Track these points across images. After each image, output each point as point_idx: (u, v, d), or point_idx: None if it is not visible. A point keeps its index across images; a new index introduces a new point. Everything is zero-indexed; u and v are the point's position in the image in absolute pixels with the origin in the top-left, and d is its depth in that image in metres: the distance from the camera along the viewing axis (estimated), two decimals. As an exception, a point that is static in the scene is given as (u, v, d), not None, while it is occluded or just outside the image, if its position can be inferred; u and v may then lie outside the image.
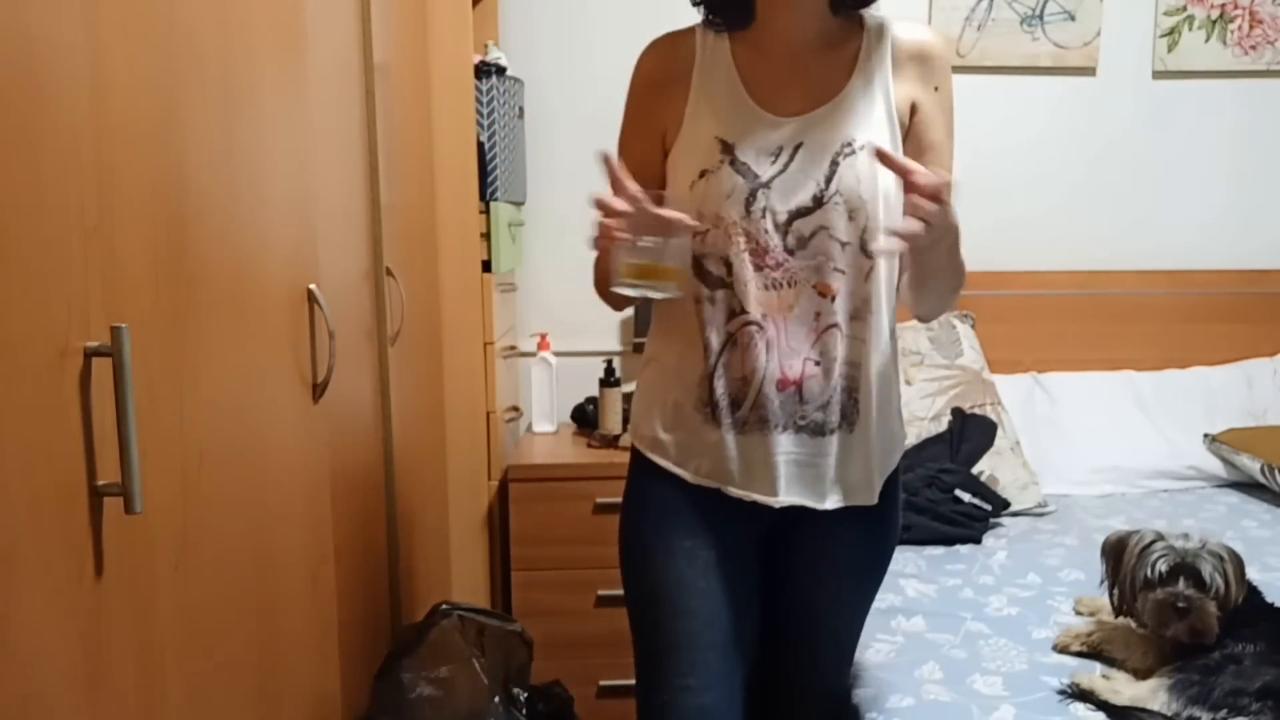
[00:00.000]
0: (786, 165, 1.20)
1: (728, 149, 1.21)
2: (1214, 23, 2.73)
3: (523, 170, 2.59)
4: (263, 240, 1.06)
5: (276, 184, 1.10)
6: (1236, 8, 2.72)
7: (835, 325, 1.21)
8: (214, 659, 0.93)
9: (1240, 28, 2.73)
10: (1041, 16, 2.69)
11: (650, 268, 1.12)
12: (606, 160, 1.11)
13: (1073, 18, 2.69)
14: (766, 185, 1.20)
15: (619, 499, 2.22)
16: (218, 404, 0.93)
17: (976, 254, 2.78)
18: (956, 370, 2.50)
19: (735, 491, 1.23)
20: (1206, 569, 1.46)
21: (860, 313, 1.22)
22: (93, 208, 0.71)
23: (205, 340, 0.91)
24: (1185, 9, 2.72)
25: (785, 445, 1.21)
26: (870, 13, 1.27)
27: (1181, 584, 1.46)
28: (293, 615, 1.15)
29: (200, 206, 0.90)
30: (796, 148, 1.20)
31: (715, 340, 1.22)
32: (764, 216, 1.20)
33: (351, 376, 1.38)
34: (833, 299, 1.20)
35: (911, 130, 1.25)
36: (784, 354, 1.21)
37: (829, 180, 1.19)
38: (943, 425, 2.39)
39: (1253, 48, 2.74)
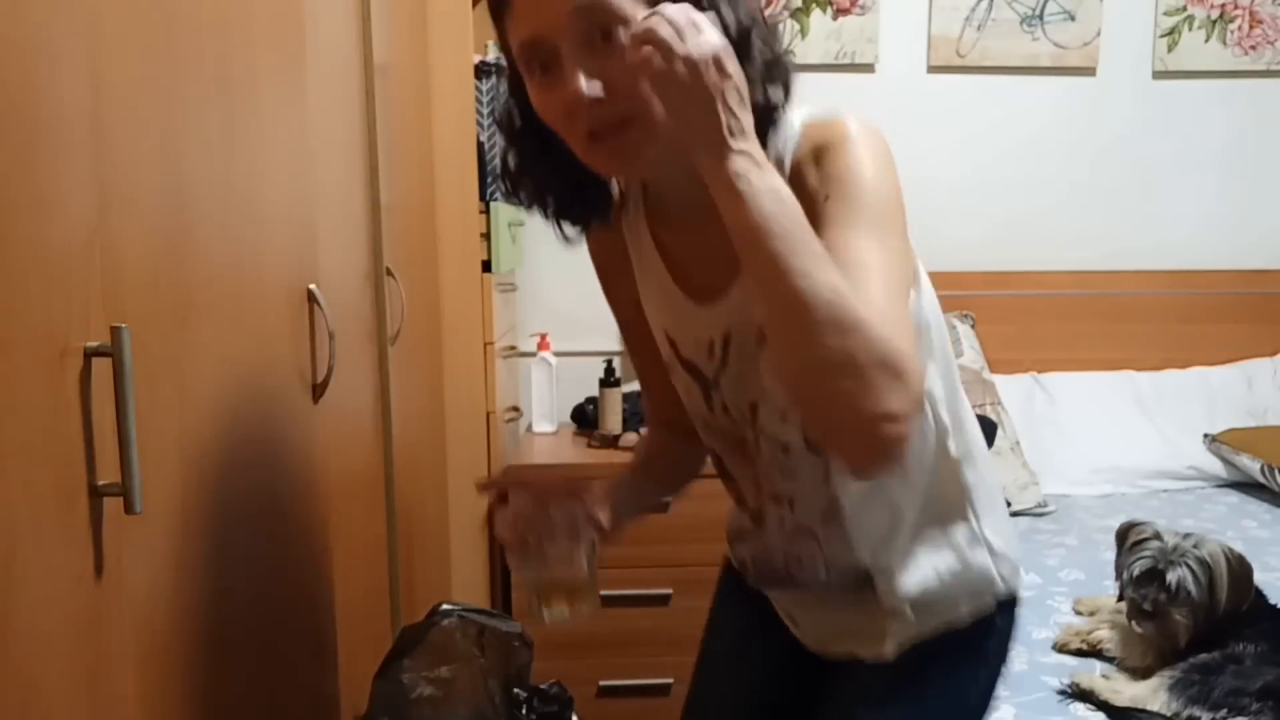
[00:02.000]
0: (724, 360, 1.02)
1: (673, 345, 1.08)
2: (1214, 23, 2.73)
3: (523, 170, 2.59)
4: (262, 240, 1.06)
5: (276, 184, 1.10)
6: (1236, 8, 2.73)
7: (804, 529, 1.05)
8: (214, 659, 0.93)
9: (1240, 28, 2.74)
10: (1041, 16, 2.69)
11: (558, 585, 0.97)
12: (483, 487, 1.06)
13: (1073, 18, 2.69)
14: (715, 383, 1.05)
15: (619, 499, 2.23)
16: (218, 404, 0.93)
17: (977, 254, 2.80)
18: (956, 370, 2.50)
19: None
20: (1175, 575, 1.45)
21: (831, 516, 1.02)
22: (93, 208, 0.71)
23: (205, 340, 0.91)
24: (1185, 9, 2.72)
25: (804, 605, 1.14)
26: (774, 145, 0.92)
27: (1154, 588, 1.46)
28: (293, 615, 1.15)
29: (200, 207, 0.90)
30: (727, 338, 1.01)
31: (731, 519, 1.19)
32: (726, 413, 1.05)
33: (351, 376, 1.38)
34: (791, 505, 1.05)
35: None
36: (768, 550, 1.11)
37: (759, 374, 0.99)
38: (943, 425, 2.39)
39: (1253, 48, 2.74)
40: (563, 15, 0.84)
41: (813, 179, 0.88)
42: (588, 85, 0.85)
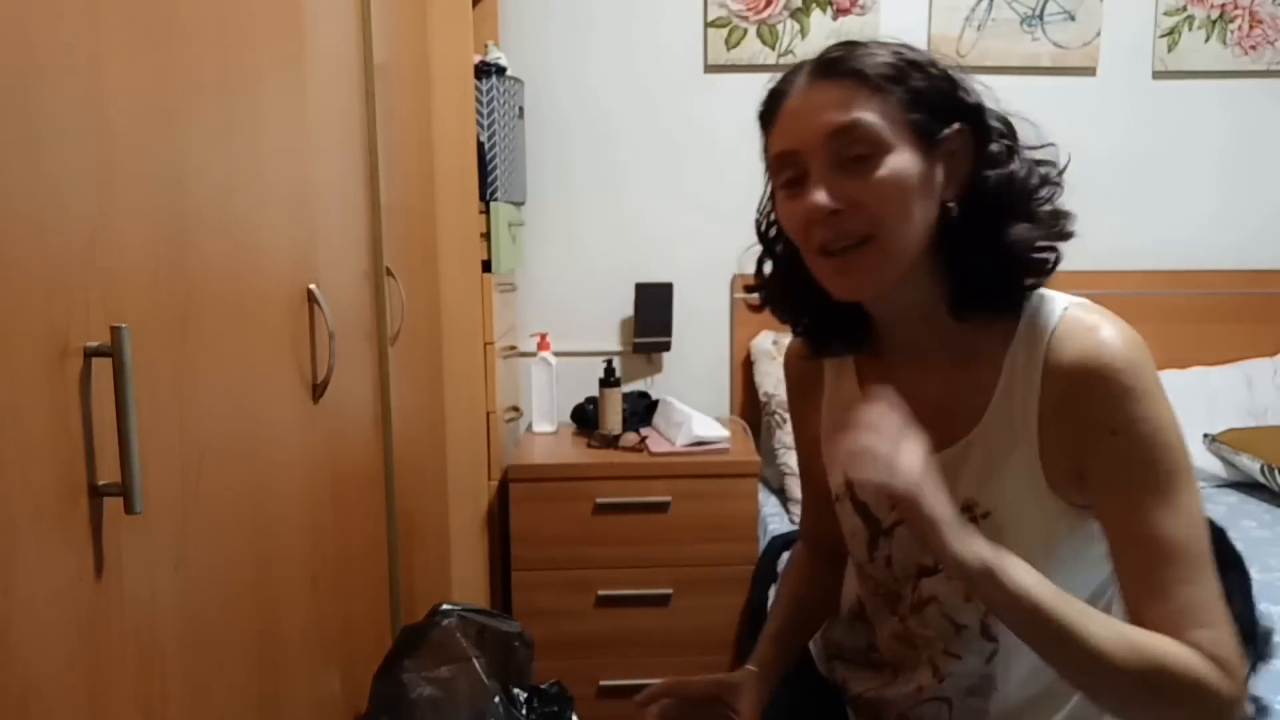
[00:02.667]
0: None
1: (849, 483, 1.06)
2: (1214, 23, 2.73)
3: (523, 170, 2.59)
4: (263, 240, 1.06)
5: (276, 184, 1.10)
6: (1236, 8, 2.72)
7: (941, 699, 1.02)
8: (214, 659, 0.93)
9: (1240, 28, 2.74)
10: (1041, 16, 2.69)
11: None
12: (643, 701, 1.08)
13: (1073, 18, 2.69)
14: (887, 533, 1.02)
15: (618, 499, 2.24)
16: (218, 404, 0.93)
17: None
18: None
19: None
20: None
21: (980, 690, 1.00)
22: (93, 208, 0.71)
23: (205, 340, 0.91)
24: (1185, 9, 2.72)
25: None
26: (1032, 320, 0.93)
27: None
28: (293, 615, 1.15)
29: (200, 206, 0.90)
30: None
31: (841, 642, 1.17)
32: (888, 565, 1.03)
33: (351, 376, 1.38)
34: (940, 679, 1.01)
35: (1095, 513, 0.90)
36: (884, 696, 1.08)
37: None
38: (943, 425, 2.39)
39: (1253, 48, 2.74)
40: (820, 134, 0.89)
41: (1098, 410, 0.87)
42: (828, 198, 0.88)
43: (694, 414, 2.43)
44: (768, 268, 1.06)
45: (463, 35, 2.08)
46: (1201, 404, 2.61)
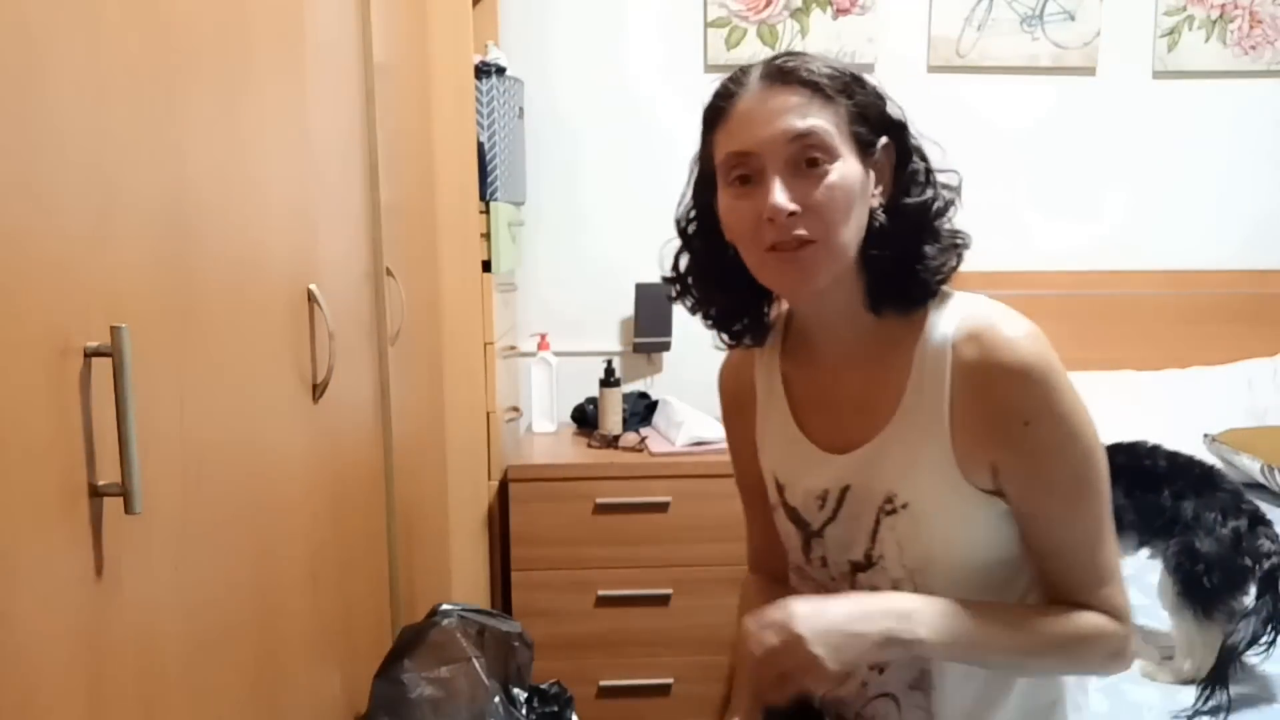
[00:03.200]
0: (835, 512, 1.05)
1: (780, 489, 1.11)
2: (1214, 23, 2.73)
3: (522, 170, 2.59)
4: (263, 240, 1.06)
5: (276, 184, 1.10)
6: (1236, 8, 2.73)
7: (888, 695, 1.05)
8: (214, 659, 0.93)
9: (1240, 28, 2.74)
10: (1041, 16, 2.69)
11: None
12: None
13: (1073, 18, 2.69)
14: (818, 534, 1.07)
15: (618, 499, 2.24)
16: (218, 404, 0.93)
17: (976, 254, 2.79)
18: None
19: None
20: None
21: (920, 684, 1.04)
22: (93, 208, 0.71)
23: (205, 340, 0.91)
24: (1185, 9, 2.72)
25: None
26: (936, 318, 0.99)
27: None
28: (293, 615, 1.15)
29: (200, 206, 0.90)
30: (843, 492, 1.03)
31: None
32: (824, 565, 1.08)
33: (351, 376, 1.38)
34: (880, 670, 1.05)
35: (1009, 500, 0.98)
36: (841, 699, 1.10)
37: (873, 538, 1.02)
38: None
39: (1253, 48, 2.75)
40: (779, 136, 0.93)
41: (1009, 403, 0.93)
42: (789, 199, 0.92)
43: (694, 414, 2.43)
44: (684, 262, 1.10)
45: (463, 35, 2.08)
46: (1201, 404, 2.61)
